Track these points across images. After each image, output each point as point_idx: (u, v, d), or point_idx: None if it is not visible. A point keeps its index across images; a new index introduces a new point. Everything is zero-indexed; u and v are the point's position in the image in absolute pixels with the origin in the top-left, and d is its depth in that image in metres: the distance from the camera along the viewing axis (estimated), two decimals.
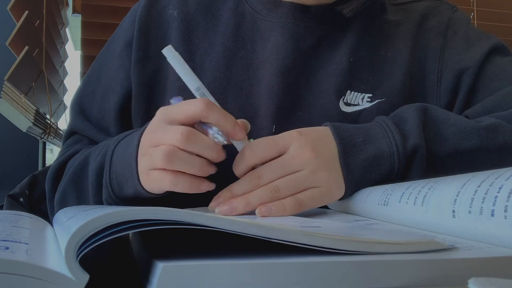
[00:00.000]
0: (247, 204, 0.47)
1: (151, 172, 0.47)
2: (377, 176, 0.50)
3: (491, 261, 0.27)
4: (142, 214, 0.25)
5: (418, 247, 0.28)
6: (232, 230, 0.26)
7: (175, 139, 0.44)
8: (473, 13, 1.62)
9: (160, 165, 0.45)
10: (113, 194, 0.53)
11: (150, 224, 0.26)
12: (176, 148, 0.45)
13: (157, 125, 0.47)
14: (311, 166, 0.48)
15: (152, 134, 0.48)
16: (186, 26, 0.67)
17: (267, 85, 0.63)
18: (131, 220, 0.25)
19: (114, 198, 0.53)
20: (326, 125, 0.52)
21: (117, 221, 0.25)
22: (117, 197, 0.53)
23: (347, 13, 0.65)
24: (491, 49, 0.65)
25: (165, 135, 0.45)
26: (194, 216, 0.26)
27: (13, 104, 1.03)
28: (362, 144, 0.50)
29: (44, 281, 0.22)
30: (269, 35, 0.66)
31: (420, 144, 0.50)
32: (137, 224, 0.26)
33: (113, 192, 0.53)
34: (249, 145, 0.49)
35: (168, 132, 0.45)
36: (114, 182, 0.52)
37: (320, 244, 0.27)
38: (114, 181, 0.52)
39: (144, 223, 0.26)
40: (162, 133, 0.46)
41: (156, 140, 0.46)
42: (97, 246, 0.25)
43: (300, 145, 0.49)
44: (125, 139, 0.54)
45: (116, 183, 0.52)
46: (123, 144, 0.54)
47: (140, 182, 0.49)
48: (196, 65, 0.65)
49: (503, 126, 0.51)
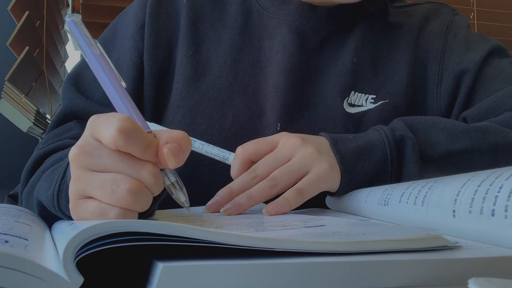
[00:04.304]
0: (249, 198, 0.47)
1: (82, 202, 0.37)
2: (372, 163, 0.50)
3: (491, 261, 0.27)
4: (150, 227, 0.25)
5: (423, 243, 0.28)
6: (236, 244, 0.26)
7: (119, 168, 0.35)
8: (473, 13, 1.61)
9: (111, 200, 0.35)
10: (58, 209, 0.44)
11: (154, 239, 0.26)
12: (135, 180, 0.35)
13: (88, 143, 0.37)
14: (302, 151, 0.49)
15: (85, 156, 0.36)
16: (194, 15, 0.67)
17: (273, 83, 0.63)
18: (135, 232, 0.25)
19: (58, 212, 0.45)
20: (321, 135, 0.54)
21: (120, 231, 0.25)
22: (64, 214, 0.44)
23: (371, 9, 0.67)
24: (490, 51, 0.66)
25: (103, 161, 0.36)
26: (200, 232, 0.26)
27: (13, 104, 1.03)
28: (352, 138, 0.52)
29: (38, 278, 0.22)
30: (276, 33, 0.66)
31: (408, 135, 0.52)
32: (141, 237, 0.25)
33: (59, 207, 0.44)
34: (240, 146, 0.52)
35: (107, 158, 0.35)
36: (63, 196, 0.44)
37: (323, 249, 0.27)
38: (64, 194, 0.44)
39: (148, 237, 0.26)
40: (98, 158, 0.36)
41: (93, 166, 0.36)
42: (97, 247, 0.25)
43: (289, 136, 0.51)
44: None
45: (65, 197, 0.43)
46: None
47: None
48: (202, 58, 0.65)
49: (494, 127, 0.52)
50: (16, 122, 1.06)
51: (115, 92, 0.39)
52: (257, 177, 0.49)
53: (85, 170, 0.36)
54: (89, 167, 0.36)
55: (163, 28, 0.66)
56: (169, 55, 0.66)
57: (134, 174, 0.35)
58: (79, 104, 0.62)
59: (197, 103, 0.63)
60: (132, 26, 0.66)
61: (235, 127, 0.62)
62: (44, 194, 0.46)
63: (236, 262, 0.25)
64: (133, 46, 0.65)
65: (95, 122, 0.36)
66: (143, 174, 0.35)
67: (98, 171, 0.36)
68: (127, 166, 0.35)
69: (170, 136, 0.36)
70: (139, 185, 0.35)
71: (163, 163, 0.36)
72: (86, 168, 0.36)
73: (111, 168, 0.35)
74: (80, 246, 0.24)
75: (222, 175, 0.55)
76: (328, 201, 0.57)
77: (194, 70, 0.64)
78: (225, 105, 0.63)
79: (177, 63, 0.65)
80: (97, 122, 0.36)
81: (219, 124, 0.62)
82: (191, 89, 0.63)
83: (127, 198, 0.34)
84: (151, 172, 0.35)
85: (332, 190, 0.51)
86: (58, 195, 0.44)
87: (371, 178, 0.50)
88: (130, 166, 0.35)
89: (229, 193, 0.49)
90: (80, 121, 0.63)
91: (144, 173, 0.35)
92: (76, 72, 0.66)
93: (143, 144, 0.35)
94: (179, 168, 0.60)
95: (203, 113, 0.62)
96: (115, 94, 0.39)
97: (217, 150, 0.55)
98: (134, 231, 0.25)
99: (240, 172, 0.51)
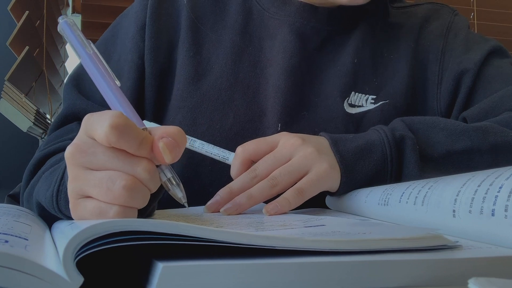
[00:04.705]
0: (249, 198, 0.47)
1: (82, 201, 0.37)
2: (372, 163, 0.50)
3: (491, 261, 0.27)
4: (149, 226, 0.25)
5: (423, 242, 0.28)
6: (236, 243, 0.26)
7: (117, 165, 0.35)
8: (473, 13, 1.61)
9: (109, 198, 0.35)
10: (58, 210, 0.44)
11: (155, 238, 0.25)
12: (130, 176, 0.35)
13: (83, 141, 0.37)
14: (302, 151, 0.49)
15: (80, 154, 0.36)
16: (195, 16, 0.66)
17: (274, 84, 0.63)
18: (136, 231, 0.25)
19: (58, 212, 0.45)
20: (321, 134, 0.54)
21: (120, 230, 0.25)
22: (64, 214, 0.44)
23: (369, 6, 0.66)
24: (490, 51, 0.66)
25: (98, 158, 0.35)
26: (199, 230, 0.26)
27: (13, 104, 1.03)
28: (352, 138, 0.52)
29: (38, 278, 0.22)
30: (276, 33, 0.66)
31: (408, 135, 0.51)
32: (141, 236, 0.25)
33: (58, 208, 0.44)
34: (240, 145, 0.52)
35: (103, 155, 0.35)
36: (62, 196, 0.44)
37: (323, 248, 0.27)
38: (63, 195, 0.43)
39: (149, 236, 0.25)
40: (93, 156, 0.35)
41: (88, 164, 0.36)
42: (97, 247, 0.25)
43: (289, 136, 0.51)
44: None
45: (64, 198, 0.43)
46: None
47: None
48: (203, 59, 0.65)
49: (494, 127, 0.52)
50: (16, 122, 1.06)
51: (109, 90, 0.39)
52: (257, 177, 0.49)
53: (81, 168, 0.36)
54: (85, 166, 0.36)
55: (163, 29, 0.66)
56: (170, 55, 0.66)
57: (129, 171, 0.35)
58: (80, 106, 0.62)
59: (197, 104, 0.63)
60: (133, 27, 0.66)
61: (236, 128, 0.62)
62: (43, 195, 0.46)
63: (236, 262, 0.25)
64: (134, 47, 0.65)
65: (89, 120, 0.36)
66: (138, 170, 0.34)
67: (94, 169, 0.35)
68: (122, 163, 0.35)
69: (165, 132, 0.36)
70: (135, 181, 0.34)
71: (158, 158, 0.36)
72: (82, 166, 0.36)
73: (106, 165, 0.35)
74: (80, 246, 0.24)
75: (223, 175, 0.55)
76: (328, 201, 0.57)
77: (194, 70, 0.64)
78: (225, 105, 0.63)
79: (178, 64, 0.65)
80: (90, 120, 0.36)
81: (220, 125, 0.62)
82: (192, 89, 0.63)
83: (123, 194, 0.34)
84: (146, 168, 0.35)
85: (332, 190, 0.51)
86: (57, 195, 0.44)
87: (371, 178, 0.50)
88: (125, 162, 0.35)
89: (229, 193, 0.49)
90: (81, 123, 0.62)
91: (139, 169, 0.35)
92: (77, 73, 0.66)
93: (136, 140, 0.34)
94: (180, 168, 0.60)
95: (204, 114, 0.62)
96: (109, 92, 0.39)
97: (217, 150, 0.55)
98: (134, 230, 0.25)
99: (240, 172, 0.51)
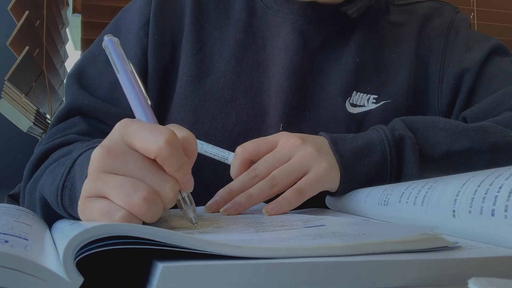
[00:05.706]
0: (249, 198, 0.47)
1: (93, 200, 0.36)
2: (371, 163, 0.50)
3: (491, 261, 0.27)
4: (151, 235, 0.25)
5: (423, 244, 0.28)
6: (237, 255, 0.26)
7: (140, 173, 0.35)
8: (473, 13, 1.61)
9: (127, 203, 0.34)
10: (61, 205, 0.44)
11: (154, 244, 0.26)
12: (151, 188, 0.35)
13: (117, 146, 0.36)
14: (301, 151, 0.49)
15: (110, 158, 0.36)
16: (199, 13, 0.66)
17: (276, 83, 0.63)
18: (136, 236, 0.25)
19: (62, 210, 0.45)
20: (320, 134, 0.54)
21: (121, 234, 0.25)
22: (66, 211, 0.44)
23: (351, 14, 0.65)
24: (491, 50, 0.66)
25: (127, 166, 0.35)
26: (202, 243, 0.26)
27: (13, 104, 1.03)
28: (352, 137, 0.52)
29: (38, 278, 0.22)
30: (279, 31, 0.66)
31: (407, 135, 0.51)
32: (141, 241, 0.25)
33: (62, 204, 0.44)
34: (240, 145, 0.52)
35: (133, 164, 0.35)
36: (66, 192, 0.44)
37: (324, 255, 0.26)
38: (68, 191, 0.44)
39: (148, 241, 0.26)
40: (123, 162, 0.36)
41: (116, 169, 0.36)
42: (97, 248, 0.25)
43: (289, 136, 0.51)
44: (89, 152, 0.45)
45: (69, 194, 0.43)
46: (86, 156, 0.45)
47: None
48: (206, 57, 0.65)
49: (493, 127, 0.52)
50: (16, 122, 1.06)
51: (140, 108, 0.41)
52: (256, 177, 0.49)
53: (106, 171, 0.36)
54: (111, 170, 0.35)
55: (167, 26, 0.66)
56: (173, 53, 0.65)
57: (156, 185, 0.35)
58: (83, 101, 0.62)
59: (200, 103, 0.63)
60: (137, 23, 0.65)
61: (238, 128, 0.62)
62: (48, 188, 0.46)
63: (236, 262, 0.25)
64: (137, 43, 0.64)
65: (130, 127, 0.36)
66: (165, 187, 0.35)
67: (118, 174, 0.35)
68: (152, 177, 0.35)
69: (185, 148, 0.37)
70: (156, 196, 0.35)
71: (185, 183, 0.37)
72: (107, 169, 0.36)
73: (134, 174, 0.35)
74: (80, 247, 0.24)
75: (224, 175, 0.55)
76: (328, 201, 0.57)
77: (197, 69, 0.64)
78: (228, 105, 0.62)
79: (181, 62, 0.65)
80: (133, 128, 0.36)
81: (222, 124, 0.62)
82: (195, 88, 0.63)
83: (140, 205, 0.34)
84: (173, 188, 0.35)
85: (331, 190, 0.51)
86: (62, 190, 0.44)
87: (371, 178, 0.50)
88: (155, 176, 0.35)
89: (229, 193, 0.49)
90: (84, 117, 0.62)
91: (167, 187, 0.35)
92: (79, 68, 0.66)
93: (180, 161, 0.35)
94: None
95: (206, 113, 0.62)
96: (140, 110, 0.41)
97: (216, 149, 0.55)
98: (134, 236, 0.25)
99: (240, 172, 0.51)
